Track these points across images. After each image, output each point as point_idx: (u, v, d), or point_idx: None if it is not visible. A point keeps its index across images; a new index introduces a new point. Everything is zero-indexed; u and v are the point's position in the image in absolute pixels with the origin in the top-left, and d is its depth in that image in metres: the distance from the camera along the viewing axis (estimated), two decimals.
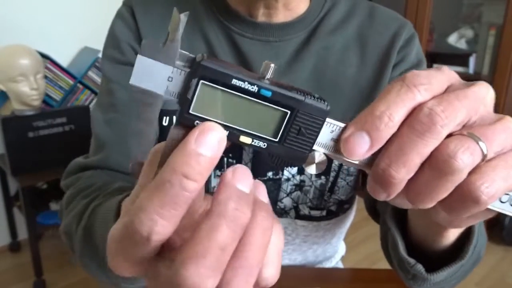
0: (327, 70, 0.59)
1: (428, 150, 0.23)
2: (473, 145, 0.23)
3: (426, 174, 0.24)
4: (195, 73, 0.23)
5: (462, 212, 0.25)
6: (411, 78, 0.24)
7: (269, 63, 0.24)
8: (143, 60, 0.23)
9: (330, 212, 0.64)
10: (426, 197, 0.24)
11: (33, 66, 1.59)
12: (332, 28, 0.60)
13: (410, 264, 0.43)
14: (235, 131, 0.25)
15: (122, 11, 0.61)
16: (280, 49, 0.59)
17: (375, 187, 0.25)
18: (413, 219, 0.43)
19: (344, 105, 0.59)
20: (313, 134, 0.25)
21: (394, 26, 0.60)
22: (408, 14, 2.23)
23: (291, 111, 0.25)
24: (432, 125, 0.23)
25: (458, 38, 2.38)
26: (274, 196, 0.62)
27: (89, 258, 0.47)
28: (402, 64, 0.59)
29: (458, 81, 0.26)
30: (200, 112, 0.24)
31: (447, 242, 0.41)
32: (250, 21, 0.58)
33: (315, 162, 0.26)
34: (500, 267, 1.96)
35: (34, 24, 1.91)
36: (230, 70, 0.23)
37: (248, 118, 0.25)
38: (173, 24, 0.23)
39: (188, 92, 0.23)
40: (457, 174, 0.23)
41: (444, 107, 0.23)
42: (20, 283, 1.81)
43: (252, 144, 0.25)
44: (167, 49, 0.23)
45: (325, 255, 0.72)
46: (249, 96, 0.24)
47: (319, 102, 0.25)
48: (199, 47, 0.59)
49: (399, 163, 0.23)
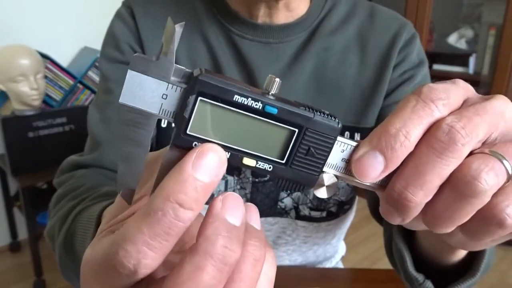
0: (327, 71, 0.59)
1: (448, 171, 0.21)
2: (498, 164, 0.21)
3: (446, 197, 0.22)
4: (192, 89, 0.21)
5: (484, 236, 0.23)
6: (428, 92, 0.22)
7: (274, 77, 0.22)
8: (134, 76, 0.21)
9: (330, 213, 0.64)
10: (445, 222, 0.23)
11: (33, 66, 1.59)
12: (332, 29, 0.60)
13: (419, 282, 0.42)
14: (238, 153, 0.22)
15: (121, 11, 0.61)
16: (281, 51, 0.59)
17: (390, 211, 0.23)
18: (422, 237, 0.41)
19: (345, 106, 0.58)
20: (323, 154, 0.23)
21: (394, 26, 0.60)
22: (408, 14, 2.23)
23: (299, 129, 0.22)
24: (453, 144, 0.21)
25: (458, 38, 2.38)
26: (275, 195, 0.62)
27: (67, 265, 0.46)
28: (403, 64, 0.59)
29: (474, 94, 0.25)
30: (199, 132, 0.21)
31: (457, 259, 0.40)
32: (250, 23, 0.58)
33: (325, 185, 0.24)
34: (500, 267, 1.96)
35: (34, 24, 1.91)
36: (231, 86, 0.21)
37: (251, 138, 0.22)
38: (167, 35, 0.21)
39: (185, 110, 0.21)
40: (481, 197, 0.21)
41: (465, 124, 0.21)
42: (20, 283, 1.81)
43: (256, 167, 0.23)
44: (161, 63, 0.21)
45: (325, 255, 0.72)
46: (253, 113, 0.22)
47: (329, 119, 0.23)
48: (199, 49, 0.59)
49: (417, 185, 0.22)
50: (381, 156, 0.22)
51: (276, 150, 0.23)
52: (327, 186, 0.24)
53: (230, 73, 0.58)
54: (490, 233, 0.22)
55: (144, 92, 0.21)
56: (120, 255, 0.19)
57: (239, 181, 0.61)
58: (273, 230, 0.65)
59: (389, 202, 0.23)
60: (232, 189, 0.62)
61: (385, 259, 0.52)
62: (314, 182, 0.24)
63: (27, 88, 1.58)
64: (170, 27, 0.21)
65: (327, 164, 0.24)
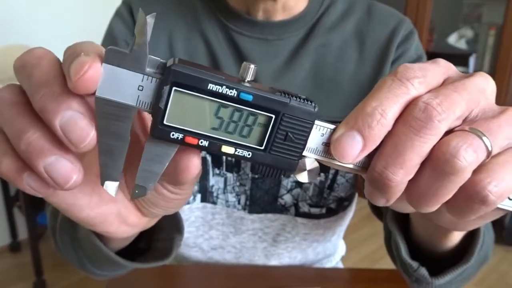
0: (326, 67, 0.59)
1: (426, 148, 0.22)
2: (476, 141, 0.21)
3: (427, 175, 0.22)
4: (166, 80, 0.21)
5: (469, 214, 0.23)
6: (403, 71, 0.23)
7: (249, 64, 0.23)
8: (109, 69, 0.21)
9: (329, 209, 0.64)
10: (429, 200, 0.23)
11: None
12: (331, 26, 0.60)
13: (413, 268, 0.42)
14: (216, 141, 0.23)
15: (120, 10, 0.61)
16: (279, 48, 0.59)
17: (373, 192, 0.24)
18: (416, 221, 0.42)
19: (343, 102, 0.59)
20: (302, 139, 0.23)
21: (392, 22, 0.60)
22: (408, 14, 2.23)
23: (275, 115, 0.23)
24: (429, 120, 0.21)
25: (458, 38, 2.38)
26: (275, 192, 0.62)
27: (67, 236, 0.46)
28: (401, 60, 0.59)
29: (456, 73, 0.25)
30: (176, 122, 0.22)
31: (452, 244, 0.40)
32: (249, 19, 0.58)
33: (306, 169, 0.24)
34: (500, 268, 1.96)
35: (34, 24, 1.91)
36: (205, 74, 0.21)
37: (229, 125, 0.23)
38: (139, 27, 0.21)
39: (160, 101, 0.21)
40: (461, 174, 0.21)
41: (441, 100, 0.21)
42: (20, 283, 1.81)
43: (235, 154, 0.23)
44: (135, 55, 0.21)
45: (325, 253, 0.73)
46: (229, 101, 0.22)
47: (306, 103, 0.23)
48: (197, 46, 0.59)
49: (396, 164, 0.22)
50: (358, 135, 0.22)
51: (254, 137, 0.23)
52: (308, 170, 0.24)
53: (228, 70, 0.58)
54: (475, 210, 0.23)
55: (120, 85, 0.21)
56: None
57: (238, 177, 0.61)
58: (273, 227, 0.65)
59: (371, 183, 0.23)
60: (232, 186, 0.62)
61: (385, 259, 0.53)
62: (295, 167, 0.24)
63: None
64: (142, 19, 0.21)
65: (307, 148, 0.24)
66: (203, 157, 0.60)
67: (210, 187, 0.62)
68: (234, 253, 0.68)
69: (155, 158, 0.23)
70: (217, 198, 0.63)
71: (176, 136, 0.22)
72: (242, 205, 0.63)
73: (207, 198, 0.63)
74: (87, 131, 0.22)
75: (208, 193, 0.63)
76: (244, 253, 0.68)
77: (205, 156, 0.60)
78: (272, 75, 0.58)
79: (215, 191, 0.62)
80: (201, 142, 0.23)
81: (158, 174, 0.24)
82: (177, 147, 0.23)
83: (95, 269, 0.46)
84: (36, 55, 0.24)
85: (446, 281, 0.41)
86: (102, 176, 0.23)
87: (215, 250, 0.68)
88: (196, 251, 0.68)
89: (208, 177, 0.61)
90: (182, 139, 0.22)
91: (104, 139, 0.22)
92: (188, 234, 0.66)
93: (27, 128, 0.22)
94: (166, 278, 0.65)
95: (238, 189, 0.62)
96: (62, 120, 0.21)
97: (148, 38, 0.21)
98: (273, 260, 0.68)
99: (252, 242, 0.66)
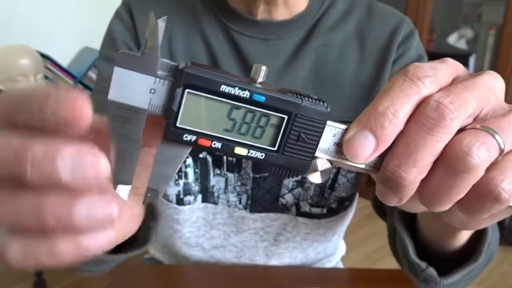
0: (326, 67, 0.59)
1: (439, 146, 0.22)
2: (489, 139, 0.21)
3: (440, 174, 0.22)
4: (179, 82, 0.21)
5: (481, 212, 0.23)
6: (414, 70, 0.23)
7: (260, 65, 0.23)
8: (120, 72, 0.21)
9: (330, 209, 0.64)
10: (441, 199, 0.23)
11: (33, 66, 1.59)
12: (331, 25, 0.60)
13: (421, 268, 0.42)
14: (229, 143, 0.23)
15: (120, 11, 0.61)
16: (280, 47, 0.59)
17: (386, 192, 0.24)
18: (423, 221, 0.42)
19: (344, 102, 0.59)
20: (314, 139, 0.23)
21: (392, 22, 0.60)
22: (408, 14, 2.23)
23: (288, 116, 0.23)
24: (441, 119, 0.21)
25: (458, 38, 2.38)
26: (276, 191, 0.62)
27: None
28: (402, 59, 0.59)
29: (464, 72, 0.25)
30: (189, 124, 0.22)
31: (459, 244, 0.40)
32: (249, 19, 0.58)
33: (318, 170, 0.24)
34: (501, 268, 1.96)
35: (34, 24, 1.91)
36: (217, 76, 0.21)
37: (241, 127, 0.23)
38: (150, 30, 0.21)
39: (173, 103, 0.21)
40: (474, 172, 0.21)
41: (453, 99, 0.21)
42: (20, 283, 1.81)
43: (248, 156, 0.23)
44: (147, 58, 0.21)
45: (326, 253, 0.73)
46: (241, 102, 0.22)
47: (318, 104, 0.23)
48: (197, 46, 0.59)
49: (409, 163, 0.22)
50: (371, 135, 0.22)
51: (267, 138, 0.23)
52: (321, 171, 0.24)
53: (229, 70, 0.58)
54: (487, 209, 0.23)
55: (132, 88, 0.21)
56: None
57: (239, 177, 0.61)
58: (274, 226, 0.65)
59: (384, 183, 0.23)
60: (233, 185, 0.62)
61: (385, 259, 0.52)
62: (307, 168, 0.24)
63: None
64: (153, 22, 0.21)
65: (319, 149, 0.24)
66: (204, 157, 0.60)
67: (211, 187, 0.62)
68: (235, 252, 0.68)
69: (167, 160, 0.23)
70: (218, 198, 0.63)
71: (189, 139, 0.22)
72: (244, 205, 0.63)
73: (208, 199, 0.63)
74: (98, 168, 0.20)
75: (209, 193, 0.63)
76: (245, 252, 0.68)
77: (205, 156, 0.60)
78: (273, 75, 0.58)
79: (216, 191, 0.62)
80: (214, 144, 0.23)
81: (170, 177, 0.24)
82: (189, 149, 0.23)
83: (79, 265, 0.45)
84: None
85: (454, 280, 0.41)
86: (114, 179, 0.23)
87: (216, 249, 0.68)
88: (197, 250, 0.68)
89: (209, 177, 0.61)
90: (195, 141, 0.22)
91: (116, 142, 0.22)
92: (189, 234, 0.66)
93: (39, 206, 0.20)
94: (166, 278, 0.65)
95: (239, 189, 0.62)
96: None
97: (160, 41, 0.21)
98: (274, 260, 0.68)
99: (253, 241, 0.66)
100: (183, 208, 0.62)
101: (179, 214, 0.63)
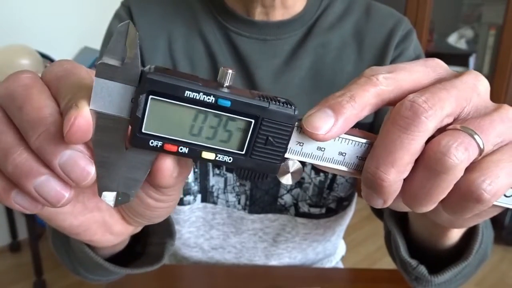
0: (324, 67, 0.59)
1: (416, 145, 0.22)
2: (468, 139, 0.21)
3: (420, 175, 0.22)
4: (142, 88, 0.21)
5: (464, 212, 0.23)
6: (369, 70, 0.24)
7: (227, 68, 0.22)
8: (101, 83, 0.21)
9: (329, 209, 0.64)
10: (423, 200, 0.23)
11: (33, 66, 1.59)
12: (329, 26, 0.60)
13: (412, 266, 0.42)
14: (196, 147, 0.23)
15: (119, 12, 0.61)
16: (278, 48, 0.59)
17: (369, 194, 0.24)
18: (414, 220, 0.42)
19: None
20: (283, 142, 0.23)
21: (390, 22, 0.60)
22: (408, 14, 2.22)
23: (255, 120, 0.22)
24: (416, 118, 0.21)
25: (458, 38, 2.38)
26: (275, 192, 0.62)
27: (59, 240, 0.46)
28: (400, 59, 0.59)
29: (448, 73, 0.25)
30: (154, 130, 0.22)
31: (451, 242, 0.40)
32: (247, 20, 0.58)
33: (290, 172, 0.24)
34: (500, 267, 1.96)
35: (34, 24, 1.91)
36: (181, 82, 0.21)
37: (208, 132, 0.22)
38: (129, 40, 0.21)
39: (137, 110, 0.21)
40: (452, 172, 0.21)
41: (427, 97, 0.22)
42: (20, 283, 1.81)
43: (216, 160, 0.23)
44: (127, 68, 0.21)
45: (325, 253, 0.73)
46: (207, 108, 0.22)
47: (285, 107, 0.23)
48: (196, 46, 0.59)
49: (388, 164, 0.22)
50: (330, 110, 0.23)
51: (235, 142, 0.23)
52: (291, 172, 0.24)
53: None
54: (470, 209, 0.23)
55: (112, 98, 0.21)
56: None
57: (238, 177, 0.61)
58: (273, 227, 0.65)
59: (366, 185, 0.23)
60: (232, 186, 0.62)
61: (385, 259, 0.53)
62: (276, 170, 0.24)
63: None
64: (132, 32, 0.21)
65: (290, 150, 0.24)
66: None
67: (211, 187, 0.62)
68: (234, 253, 0.68)
69: (136, 165, 0.23)
70: (217, 198, 0.63)
71: (155, 144, 0.22)
72: (242, 205, 0.63)
73: (207, 198, 0.63)
74: (88, 170, 0.22)
75: (208, 193, 0.63)
76: (244, 253, 0.68)
77: None
78: (271, 75, 0.58)
79: (215, 191, 0.63)
80: (181, 149, 0.22)
81: (140, 181, 0.24)
82: (156, 154, 0.23)
83: (88, 274, 0.45)
84: (23, 82, 0.23)
85: (446, 279, 0.41)
86: (99, 187, 0.23)
87: (215, 250, 0.68)
88: (196, 251, 0.68)
89: (208, 177, 0.61)
90: (161, 146, 0.22)
91: (100, 151, 0.22)
92: (189, 234, 0.66)
93: (13, 148, 0.22)
94: (166, 278, 0.65)
95: (238, 189, 0.62)
96: (61, 160, 0.22)
97: (139, 51, 0.21)
98: (273, 260, 0.68)
99: (252, 242, 0.66)
100: (182, 208, 0.62)
101: (178, 214, 0.63)
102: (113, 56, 0.21)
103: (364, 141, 0.24)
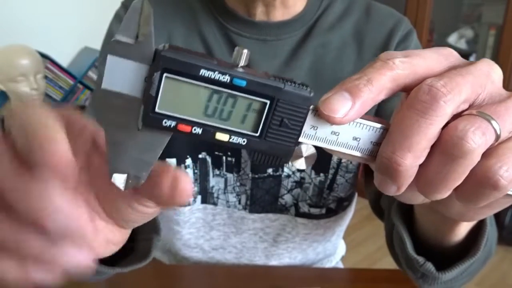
0: (324, 67, 0.59)
1: (433, 130, 0.21)
2: (485, 124, 0.21)
3: (437, 160, 0.22)
4: (157, 66, 0.20)
5: (480, 200, 0.23)
6: (384, 54, 0.24)
7: (242, 48, 0.22)
8: (114, 61, 0.20)
9: (329, 210, 0.64)
10: (439, 186, 0.22)
11: (33, 66, 1.59)
12: (329, 26, 0.60)
13: (419, 263, 0.41)
14: (210, 128, 0.22)
15: (119, 12, 0.61)
16: (278, 48, 0.59)
17: (383, 180, 0.23)
18: (421, 215, 0.41)
19: None
20: (298, 124, 0.23)
21: (390, 22, 0.60)
22: (408, 14, 2.22)
23: (270, 100, 0.22)
24: (434, 102, 0.21)
25: (458, 38, 2.38)
26: (275, 192, 0.62)
27: None
28: None
29: (460, 61, 0.25)
30: (167, 109, 0.21)
31: (458, 238, 0.40)
32: (247, 20, 0.58)
33: (303, 156, 0.24)
34: (500, 267, 1.96)
35: (34, 24, 1.91)
36: (197, 60, 0.20)
37: (222, 112, 0.22)
38: (143, 18, 0.20)
39: (151, 88, 0.20)
40: (470, 157, 0.21)
41: (445, 82, 0.22)
42: None
43: (230, 142, 0.22)
44: (141, 46, 0.20)
45: (325, 253, 0.73)
46: (222, 87, 0.21)
47: (301, 88, 0.22)
48: (197, 47, 0.59)
49: (404, 148, 0.22)
50: (347, 93, 0.22)
51: (249, 123, 0.22)
52: (305, 157, 0.24)
53: None
54: (485, 196, 0.22)
55: (125, 76, 0.20)
56: None
57: (238, 178, 0.61)
58: (273, 226, 0.65)
59: (381, 171, 0.23)
60: (232, 186, 0.62)
61: (385, 259, 0.53)
62: (291, 154, 0.24)
63: (27, 88, 1.58)
64: (146, 9, 0.20)
65: (304, 134, 0.23)
66: (203, 158, 0.60)
67: (211, 188, 0.62)
68: (234, 253, 0.68)
69: (147, 146, 0.22)
70: (217, 199, 0.63)
71: (168, 124, 0.21)
72: (243, 205, 0.63)
73: (207, 199, 0.63)
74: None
75: (208, 194, 0.63)
76: (244, 253, 0.68)
77: (205, 157, 0.60)
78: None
79: (215, 191, 0.62)
80: (194, 129, 0.22)
81: (151, 163, 0.23)
82: (170, 135, 0.23)
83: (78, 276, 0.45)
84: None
85: (453, 276, 0.41)
86: (110, 169, 0.22)
87: (216, 250, 0.68)
88: (197, 251, 0.68)
89: (208, 178, 0.61)
90: (174, 126, 0.22)
91: (111, 131, 0.22)
92: (189, 235, 0.66)
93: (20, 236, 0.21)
94: (166, 278, 0.65)
95: (239, 189, 0.62)
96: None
97: (152, 28, 0.20)
98: (273, 260, 0.68)
99: (253, 242, 0.66)
100: (182, 209, 0.62)
101: (178, 215, 0.63)
102: (126, 34, 0.20)
103: (379, 126, 0.24)
